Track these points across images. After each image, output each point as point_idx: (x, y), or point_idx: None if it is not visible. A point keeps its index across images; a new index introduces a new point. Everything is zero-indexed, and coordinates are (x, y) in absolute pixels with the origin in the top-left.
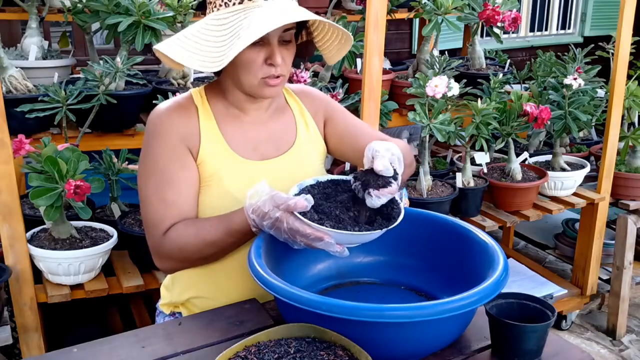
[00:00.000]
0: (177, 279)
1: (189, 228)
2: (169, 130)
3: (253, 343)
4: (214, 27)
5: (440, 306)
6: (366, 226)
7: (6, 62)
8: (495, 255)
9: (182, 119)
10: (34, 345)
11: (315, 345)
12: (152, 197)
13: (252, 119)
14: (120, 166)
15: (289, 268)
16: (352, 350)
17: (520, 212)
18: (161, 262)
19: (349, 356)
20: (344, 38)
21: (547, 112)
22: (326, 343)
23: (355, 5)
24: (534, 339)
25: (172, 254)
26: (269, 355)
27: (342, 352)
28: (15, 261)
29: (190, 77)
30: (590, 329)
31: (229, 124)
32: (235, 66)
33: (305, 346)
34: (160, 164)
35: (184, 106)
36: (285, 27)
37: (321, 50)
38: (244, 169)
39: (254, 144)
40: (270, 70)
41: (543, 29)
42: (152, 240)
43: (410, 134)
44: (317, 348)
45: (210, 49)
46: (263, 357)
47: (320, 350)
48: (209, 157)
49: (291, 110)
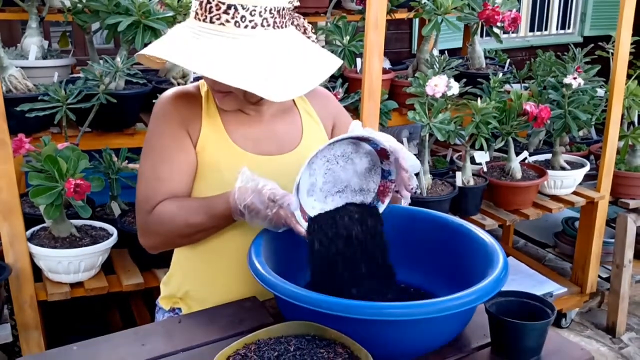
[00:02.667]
0: (175, 272)
1: (173, 205)
2: (172, 113)
3: (253, 341)
4: (193, 32)
5: (440, 304)
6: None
7: (6, 62)
8: (495, 253)
9: (186, 104)
10: (34, 343)
11: (315, 343)
12: (147, 174)
13: (254, 117)
14: (120, 165)
15: (288, 266)
16: (352, 348)
17: (520, 211)
18: (145, 239)
19: (349, 354)
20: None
21: (546, 111)
22: (326, 341)
23: (355, 5)
24: (533, 337)
25: (155, 230)
26: (269, 353)
27: (341, 349)
28: (15, 259)
29: (190, 76)
30: (590, 327)
31: (231, 117)
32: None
33: (305, 344)
34: (159, 143)
35: (189, 93)
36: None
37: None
38: (242, 161)
39: (255, 139)
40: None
41: (543, 29)
42: (140, 216)
43: (410, 133)
44: (317, 346)
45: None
46: (263, 355)
47: (320, 348)
48: (208, 145)
49: (298, 111)
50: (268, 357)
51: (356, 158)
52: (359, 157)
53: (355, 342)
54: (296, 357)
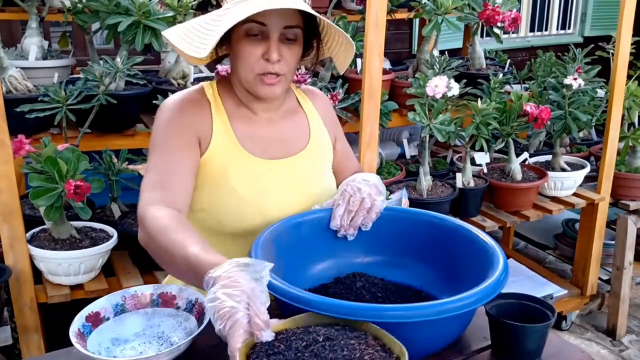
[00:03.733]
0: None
1: (168, 221)
2: (181, 119)
3: (280, 330)
4: (216, 17)
5: (440, 306)
6: None
7: (6, 62)
8: (495, 255)
9: (195, 113)
10: (34, 346)
11: (345, 333)
12: (150, 164)
13: (262, 119)
14: (120, 166)
15: (288, 268)
16: (384, 340)
17: (520, 213)
18: (140, 231)
19: (381, 346)
20: (347, 43)
21: (547, 112)
22: (357, 332)
23: (355, 5)
24: (534, 339)
25: (144, 228)
26: (296, 343)
27: (373, 341)
28: (15, 261)
29: (190, 77)
30: (590, 329)
31: (239, 121)
32: (235, 59)
33: (335, 334)
34: (166, 139)
35: (196, 100)
36: (286, 22)
37: (333, 58)
38: (251, 167)
39: (264, 143)
40: (267, 66)
41: (543, 29)
42: (139, 203)
43: (410, 134)
44: (347, 337)
45: (206, 36)
46: (290, 344)
47: (350, 339)
48: (218, 152)
49: (304, 112)
50: (296, 347)
51: None
52: None
53: (388, 334)
54: (325, 348)
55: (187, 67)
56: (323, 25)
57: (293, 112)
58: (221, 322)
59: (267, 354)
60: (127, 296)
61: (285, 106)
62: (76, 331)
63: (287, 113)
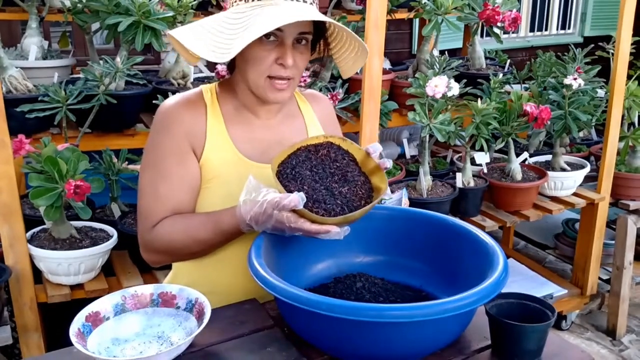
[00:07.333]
0: (175, 274)
1: (177, 224)
2: (174, 125)
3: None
4: (230, 19)
5: (440, 306)
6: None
7: (6, 62)
8: (495, 255)
9: (189, 115)
10: (34, 345)
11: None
12: (147, 189)
13: (262, 122)
14: (120, 166)
15: (289, 268)
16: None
17: (520, 212)
18: (147, 255)
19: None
20: (360, 50)
21: (547, 112)
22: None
23: (355, 5)
24: (534, 339)
25: (159, 248)
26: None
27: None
28: (15, 261)
29: (190, 77)
30: (590, 329)
31: (237, 125)
32: (245, 62)
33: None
34: (159, 157)
35: (192, 102)
36: (301, 29)
37: (337, 63)
38: (248, 171)
39: (262, 148)
40: (280, 71)
41: (543, 29)
42: (141, 232)
43: (410, 134)
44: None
45: (222, 40)
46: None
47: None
48: (213, 157)
49: (302, 116)
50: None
51: None
52: None
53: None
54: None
55: (187, 67)
56: (334, 30)
57: (292, 116)
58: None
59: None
60: (127, 296)
61: (284, 110)
62: (76, 331)
63: (286, 117)
